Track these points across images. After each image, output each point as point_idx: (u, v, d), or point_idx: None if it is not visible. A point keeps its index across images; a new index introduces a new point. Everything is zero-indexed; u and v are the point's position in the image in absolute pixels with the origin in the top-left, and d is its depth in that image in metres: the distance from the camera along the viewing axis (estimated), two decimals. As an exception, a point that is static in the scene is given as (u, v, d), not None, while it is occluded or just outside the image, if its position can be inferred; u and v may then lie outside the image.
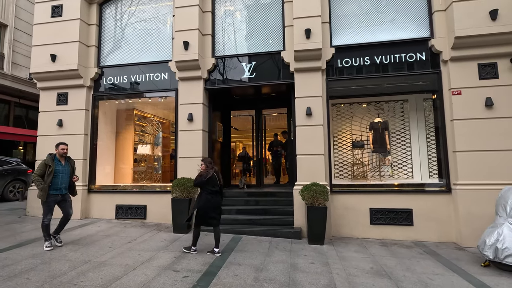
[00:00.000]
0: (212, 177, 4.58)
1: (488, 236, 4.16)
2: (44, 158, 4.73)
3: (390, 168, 7.04)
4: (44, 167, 4.64)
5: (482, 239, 4.25)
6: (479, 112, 5.41)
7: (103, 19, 7.59)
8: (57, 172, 4.70)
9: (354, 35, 6.27)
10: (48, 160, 4.68)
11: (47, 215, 4.69)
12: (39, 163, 4.71)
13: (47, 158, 4.71)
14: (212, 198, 4.55)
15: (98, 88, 7.34)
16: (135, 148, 8.13)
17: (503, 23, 5.25)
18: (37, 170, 4.64)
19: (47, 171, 4.63)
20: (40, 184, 4.56)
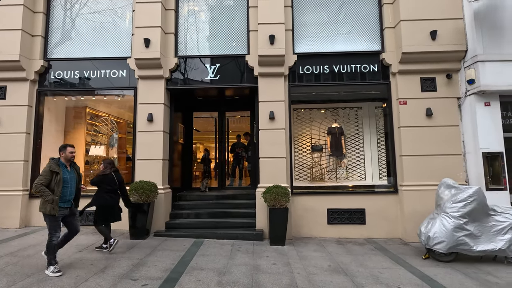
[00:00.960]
0: (109, 176, 4.91)
1: (424, 226, 4.78)
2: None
3: (345, 170, 7.50)
4: (50, 174, 3.83)
5: (419, 228, 4.87)
6: (421, 121, 6.05)
7: (51, 7, 6.93)
8: (65, 180, 3.93)
9: (315, 44, 6.60)
10: (54, 166, 3.87)
11: (56, 232, 3.91)
12: (43, 170, 3.89)
13: (52, 163, 3.90)
14: (110, 196, 4.87)
15: (44, 82, 6.66)
16: (87, 149, 7.52)
17: (441, 43, 5.96)
18: (42, 179, 3.81)
19: (55, 180, 3.83)
20: (48, 195, 3.76)
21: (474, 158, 5.76)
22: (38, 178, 3.85)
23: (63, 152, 4.07)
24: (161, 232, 5.89)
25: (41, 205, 3.85)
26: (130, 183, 6.52)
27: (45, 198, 3.78)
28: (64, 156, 4.06)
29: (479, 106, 5.77)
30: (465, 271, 4.24)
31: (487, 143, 5.67)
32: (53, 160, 3.98)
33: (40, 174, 3.91)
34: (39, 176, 3.87)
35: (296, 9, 6.64)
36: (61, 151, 4.09)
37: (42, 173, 3.88)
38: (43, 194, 3.78)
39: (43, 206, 3.82)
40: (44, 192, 3.77)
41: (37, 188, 3.79)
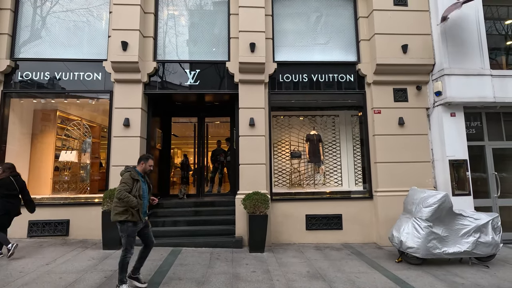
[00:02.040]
0: (6, 180, 4.75)
1: (395, 230, 4.97)
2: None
3: (323, 177, 7.68)
4: (132, 182, 3.60)
5: (391, 232, 5.06)
6: (394, 129, 6.34)
7: (20, 3, 6.55)
8: (144, 191, 3.72)
9: (295, 53, 6.75)
10: (135, 174, 3.67)
11: (132, 249, 3.62)
12: (125, 176, 3.63)
13: (132, 171, 3.68)
14: (7, 202, 4.72)
15: (10, 83, 6.25)
16: (57, 155, 7.11)
17: (411, 56, 6.33)
18: (124, 185, 3.55)
19: (135, 187, 3.60)
20: (133, 201, 3.49)
21: (441, 165, 6.12)
22: (121, 185, 3.58)
23: (144, 162, 3.85)
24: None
25: (119, 213, 3.55)
26: (103, 190, 6.26)
27: (130, 204, 3.51)
28: (144, 167, 3.84)
29: (446, 117, 6.16)
30: (434, 273, 4.46)
31: (453, 151, 6.05)
32: (133, 168, 3.77)
33: (121, 182, 3.62)
34: (120, 184, 3.60)
35: (277, 18, 6.78)
36: (142, 161, 3.86)
37: (124, 180, 3.61)
38: (128, 200, 3.50)
39: (123, 214, 3.54)
40: (129, 198, 3.51)
41: (120, 194, 3.50)
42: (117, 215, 3.57)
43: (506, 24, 6.96)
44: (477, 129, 6.48)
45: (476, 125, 6.47)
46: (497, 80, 6.16)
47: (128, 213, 3.55)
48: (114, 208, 3.60)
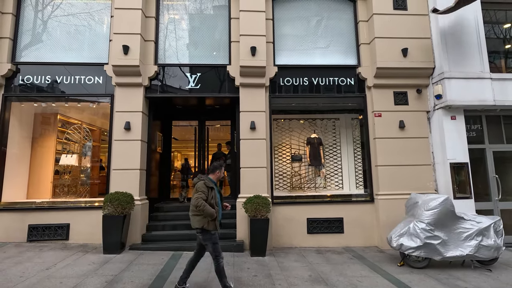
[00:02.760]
0: None
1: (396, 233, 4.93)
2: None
3: (324, 180, 7.68)
4: (207, 190, 3.60)
5: (389, 235, 5.02)
6: (395, 133, 6.35)
7: (22, 8, 6.58)
8: (218, 199, 3.73)
9: (295, 56, 6.78)
10: (209, 182, 3.67)
11: (221, 253, 3.63)
12: (199, 185, 3.61)
13: (206, 179, 3.68)
14: None
15: (11, 87, 6.26)
16: (57, 158, 7.10)
17: (411, 60, 6.36)
18: (201, 193, 3.53)
19: (210, 195, 3.61)
20: (210, 210, 3.50)
21: (442, 168, 6.12)
22: (197, 193, 3.57)
23: (219, 171, 3.87)
24: (137, 245, 5.65)
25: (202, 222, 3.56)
26: (104, 193, 6.24)
27: (207, 212, 3.50)
28: (218, 175, 3.86)
29: (446, 120, 6.17)
30: (437, 277, 4.44)
31: (453, 154, 6.06)
32: (204, 177, 3.73)
33: (197, 190, 3.61)
34: (198, 192, 3.58)
35: (277, 22, 6.81)
36: (217, 170, 3.87)
37: (200, 189, 3.59)
38: (205, 209, 3.49)
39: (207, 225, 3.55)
40: (206, 207, 3.50)
41: (198, 201, 3.49)
42: (197, 223, 3.59)
43: (505, 28, 7.01)
44: (477, 132, 6.50)
45: (476, 128, 6.49)
46: (497, 83, 6.18)
47: (209, 224, 3.57)
48: (193, 216, 3.63)
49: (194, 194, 3.60)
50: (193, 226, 3.66)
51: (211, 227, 3.59)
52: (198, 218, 3.59)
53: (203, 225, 3.56)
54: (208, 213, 3.51)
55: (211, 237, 3.60)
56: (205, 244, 3.64)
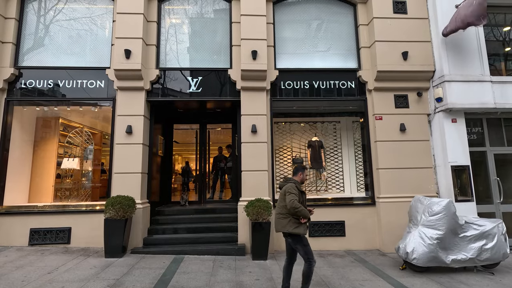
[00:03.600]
0: None
1: (402, 241, 4.89)
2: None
3: (325, 183, 7.68)
4: (298, 192, 3.55)
5: (397, 245, 4.98)
6: (396, 135, 6.36)
7: (25, 13, 6.63)
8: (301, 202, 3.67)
9: (296, 60, 6.81)
10: (298, 185, 3.63)
11: (314, 256, 3.57)
12: (290, 187, 3.57)
13: (295, 182, 3.64)
14: None
15: (14, 91, 6.29)
16: (59, 162, 7.12)
17: (412, 63, 6.39)
18: (294, 195, 3.49)
19: (301, 199, 3.57)
20: (305, 212, 3.46)
21: (443, 171, 6.12)
22: (290, 195, 3.51)
23: (301, 173, 3.83)
24: (139, 249, 5.64)
25: (292, 225, 3.52)
26: (105, 197, 6.25)
27: (303, 214, 3.47)
28: (302, 178, 3.82)
29: (447, 122, 6.18)
30: (439, 280, 4.43)
31: (455, 157, 6.06)
32: (292, 180, 3.72)
33: (289, 192, 3.55)
34: (290, 194, 3.52)
35: (278, 26, 6.85)
36: (300, 171, 3.83)
37: (292, 190, 3.54)
38: (300, 211, 3.46)
39: (296, 227, 3.50)
40: (302, 208, 3.46)
41: (294, 204, 3.44)
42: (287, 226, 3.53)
43: (504, 31, 7.05)
44: (478, 134, 6.51)
45: (477, 131, 6.50)
46: (497, 86, 6.20)
47: (299, 227, 3.52)
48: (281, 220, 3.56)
49: (287, 196, 3.52)
50: (278, 230, 3.60)
51: (301, 230, 3.54)
52: (286, 221, 3.52)
53: (292, 229, 3.51)
54: (303, 214, 3.48)
55: (302, 240, 3.55)
56: (295, 247, 3.59)
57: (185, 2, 6.99)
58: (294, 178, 3.81)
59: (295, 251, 3.69)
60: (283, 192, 3.67)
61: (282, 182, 3.81)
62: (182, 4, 6.98)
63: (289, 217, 3.55)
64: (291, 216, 3.55)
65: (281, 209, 3.61)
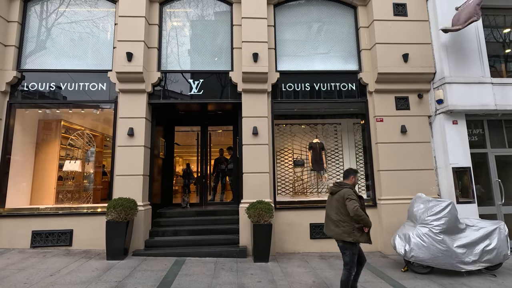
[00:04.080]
0: None
1: (399, 238, 4.91)
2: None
3: (326, 184, 7.68)
4: (357, 198, 3.44)
5: (393, 240, 5.00)
6: (397, 137, 6.37)
7: (27, 16, 6.68)
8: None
9: (297, 62, 6.83)
10: (355, 190, 3.54)
11: (355, 265, 3.49)
12: (348, 192, 3.45)
13: (352, 187, 3.55)
14: None
15: (16, 94, 6.33)
16: (61, 164, 7.14)
17: (412, 65, 6.41)
18: (355, 201, 3.37)
19: (359, 204, 3.44)
20: (368, 220, 3.35)
21: (445, 173, 6.12)
22: (353, 201, 3.38)
23: (353, 176, 3.70)
24: (141, 251, 5.65)
25: (347, 233, 3.41)
26: (106, 199, 6.27)
27: (366, 223, 3.37)
28: (354, 181, 3.70)
29: (448, 124, 6.19)
30: (441, 282, 4.42)
31: (456, 159, 6.06)
32: (347, 184, 3.61)
33: (349, 198, 3.42)
34: (351, 200, 3.40)
35: (279, 28, 6.88)
36: (352, 175, 3.70)
37: (352, 196, 3.42)
38: (363, 219, 3.34)
39: (352, 234, 3.39)
40: (365, 216, 3.34)
41: (358, 212, 3.32)
42: (342, 233, 3.44)
43: (504, 32, 7.07)
44: (479, 136, 6.51)
45: (478, 132, 6.51)
46: (498, 88, 6.22)
47: (356, 234, 3.41)
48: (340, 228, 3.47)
49: (348, 203, 3.40)
50: (337, 237, 3.49)
51: (363, 239, 3.45)
52: (347, 229, 3.41)
53: (358, 237, 3.41)
54: (366, 222, 3.37)
55: (354, 248, 3.47)
56: (344, 252, 3.50)
57: (186, 5, 7.03)
58: (345, 181, 3.69)
59: (361, 252, 3.65)
60: (339, 197, 3.54)
61: (335, 187, 3.68)
62: (184, 7, 7.02)
63: (352, 224, 3.43)
64: (354, 224, 3.43)
65: (339, 215, 3.48)
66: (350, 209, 3.37)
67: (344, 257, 3.54)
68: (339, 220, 3.51)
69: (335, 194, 3.63)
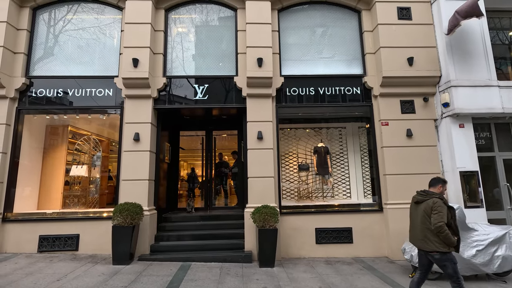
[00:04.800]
0: None
1: (408, 244, 4.89)
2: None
3: (331, 189, 7.64)
4: (447, 210, 3.28)
5: (403, 247, 4.99)
6: (402, 141, 6.33)
7: (36, 24, 6.81)
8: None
9: (301, 66, 6.85)
10: (446, 200, 3.37)
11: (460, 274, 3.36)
12: (438, 204, 3.29)
13: (442, 197, 3.38)
14: None
15: (24, 100, 6.43)
16: (68, 169, 7.22)
17: (417, 68, 6.38)
18: (442, 216, 3.21)
19: (449, 216, 3.28)
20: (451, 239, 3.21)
21: (452, 177, 6.05)
22: (438, 215, 3.23)
23: (441, 185, 3.54)
24: (146, 256, 5.66)
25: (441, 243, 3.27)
26: (112, 203, 6.30)
27: (448, 241, 3.22)
28: (441, 190, 3.53)
29: (454, 128, 6.14)
30: (450, 288, 4.34)
31: (463, 163, 5.99)
32: (437, 194, 3.44)
33: (437, 211, 3.28)
34: (437, 214, 3.25)
35: (283, 33, 6.92)
36: (440, 184, 3.55)
37: (441, 210, 3.26)
38: (445, 237, 3.20)
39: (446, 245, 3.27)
40: (448, 235, 3.19)
41: (441, 229, 3.19)
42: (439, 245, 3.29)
43: (510, 35, 7.02)
44: (486, 140, 6.44)
45: (485, 136, 6.43)
46: (505, 91, 6.15)
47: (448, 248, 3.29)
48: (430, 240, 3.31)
49: (434, 215, 3.26)
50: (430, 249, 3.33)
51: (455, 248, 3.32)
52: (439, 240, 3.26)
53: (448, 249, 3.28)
54: (447, 241, 3.22)
55: (450, 256, 3.30)
56: (443, 265, 3.32)
57: (191, 11, 7.11)
58: (431, 190, 3.55)
59: (430, 268, 3.50)
60: (426, 207, 3.38)
61: (421, 196, 3.51)
62: (189, 13, 7.11)
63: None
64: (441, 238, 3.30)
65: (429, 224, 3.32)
66: (433, 223, 3.25)
67: (446, 270, 3.34)
68: (428, 230, 3.33)
69: (422, 204, 3.46)
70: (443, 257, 3.30)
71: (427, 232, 3.34)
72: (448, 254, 3.30)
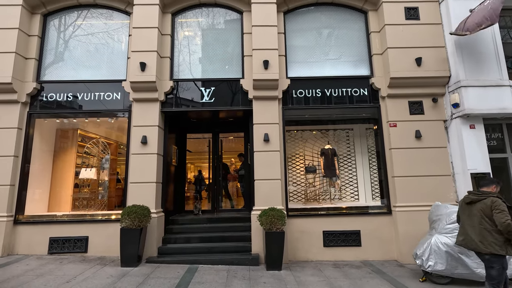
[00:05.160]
0: None
1: (419, 248, 4.78)
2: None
3: (339, 191, 7.57)
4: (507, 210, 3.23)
5: (414, 251, 4.88)
6: (411, 143, 6.23)
7: (47, 30, 6.97)
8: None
9: (307, 68, 6.83)
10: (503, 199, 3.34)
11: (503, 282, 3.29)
12: (497, 203, 3.26)
13: (500, 196, 3.35)
14: None
15: (35, 104, 6.57)
16: (77, 172, 7.33)
17: (426, 69, 6.29)
18: (506, 213, 3.17)
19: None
20: None
21: (463, 179, 5.92)
22: (502, 213, 3.19)
23: (495, 186, 3.49)
24: (154, 258, 5.69)
25: (499, 245, 3.22)
26: (120, 206, 6.36)
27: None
28: (495, 191, 3.47)
29: (465, 129, 6.02)
30: (462, 293, 4.25)
31: (474, 164, 5.87)
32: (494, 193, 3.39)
33: (499, 209, 3.23)
34: (502, 212, 3.20)
35: (289, 35, 6.92)
36: (494, 184, 3.50)
37: (502, 207, 3.22)
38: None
39: (504, 246, 3.21)
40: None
41: (510, 227, 3.11)
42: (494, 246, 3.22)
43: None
44: (498, 140, 6.30)
45: (497, 136, 6.29)
46: (517, 90, 6.01)
47: (508, 249, 3.22)
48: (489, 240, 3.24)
49: (497, 214, 3.20)
50: (483, 250, 3.26)
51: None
52: (498, 241, 3.20)
53: (506, 251, 3.21)
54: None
55: (503, 260, 3.26)
56: (491, 266, 3.27)
57: (198, 15, 7.17)
58: (484, 189, 3.49)
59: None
60: (484, 207, 3.32)
61: (475, 195, 3.46)
62: (195, 17, 7.17)
63: (503, 237, 3.22)
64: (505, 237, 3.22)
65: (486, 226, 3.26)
66: (499, 223, 3.16)
67: (491, 271, 3.28)
68: (486, 230, 3.27)
69: (477, 203, 3.40)
70: (495, 259, 3.23)
71: (485, 233, 3.27)
72: (502, 258, 3.23)
